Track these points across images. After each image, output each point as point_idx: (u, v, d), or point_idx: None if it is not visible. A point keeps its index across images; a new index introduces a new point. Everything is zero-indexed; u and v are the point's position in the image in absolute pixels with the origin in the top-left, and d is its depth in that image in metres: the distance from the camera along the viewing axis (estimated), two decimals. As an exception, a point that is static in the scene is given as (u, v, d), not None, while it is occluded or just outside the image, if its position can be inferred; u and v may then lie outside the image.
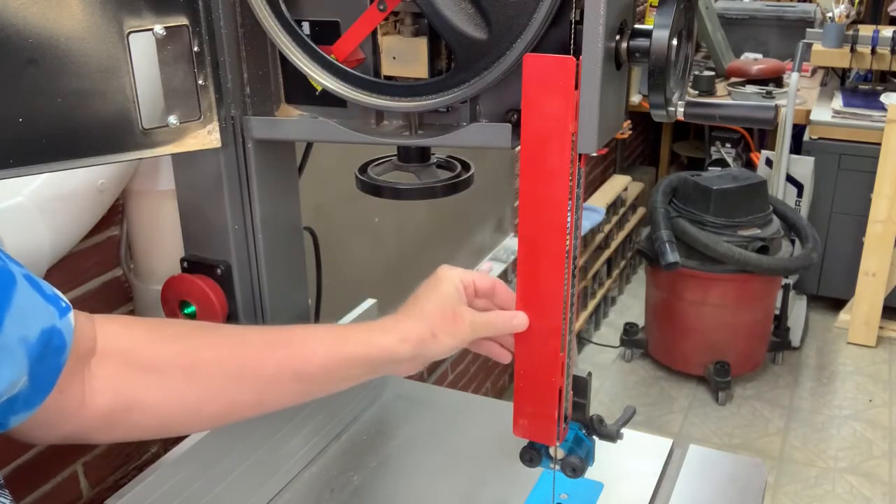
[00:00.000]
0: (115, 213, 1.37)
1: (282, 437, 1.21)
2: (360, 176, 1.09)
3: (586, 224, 3.36)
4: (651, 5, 4.34)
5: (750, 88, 3.94)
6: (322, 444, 1.31)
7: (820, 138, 3.61)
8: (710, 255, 3.02)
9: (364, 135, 1.03)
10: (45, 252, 1.16)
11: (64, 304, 0.73)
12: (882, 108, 3.49)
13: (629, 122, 3.95)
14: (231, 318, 1.19)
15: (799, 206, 3.63)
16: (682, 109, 0.92)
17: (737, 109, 0.93)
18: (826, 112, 3.66)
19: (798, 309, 3.74)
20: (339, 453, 1.31)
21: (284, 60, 1.02)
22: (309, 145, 1.35)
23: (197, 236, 1.19)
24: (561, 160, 0.84)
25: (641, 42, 0.86)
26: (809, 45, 3.79)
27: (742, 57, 4.29)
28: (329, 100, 1.03)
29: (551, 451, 1.01)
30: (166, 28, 0.97)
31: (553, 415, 0.96)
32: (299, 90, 1.07)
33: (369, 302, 1.39)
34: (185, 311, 1.20)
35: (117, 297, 1.41)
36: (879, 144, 3.39)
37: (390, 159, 1.11)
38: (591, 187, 3.87)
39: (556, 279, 0.89)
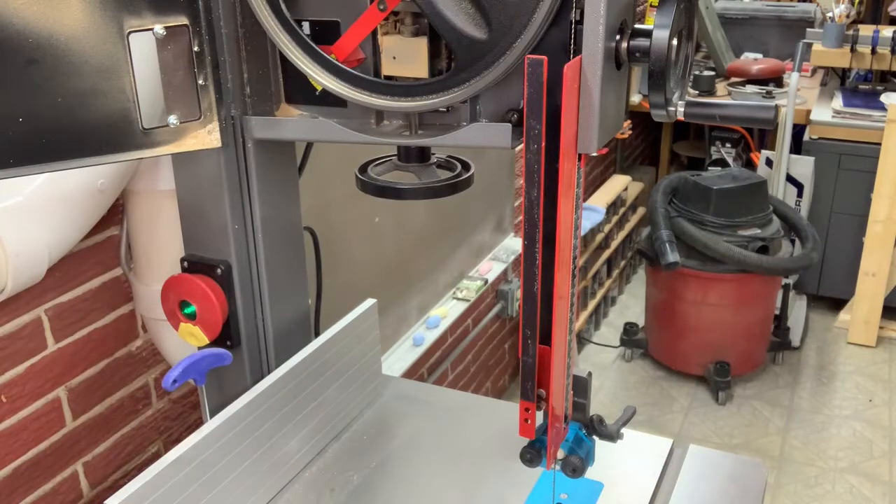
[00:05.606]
0: (115, 213, 1.37)
1: (282, 437, 1.21)
2: (360, 176, 1.09)
3: (586, 224, 3.36)
4: (651, 5, 4.34)
5: (750, 88, 3.94)
6: (322, 444, 1.31)
7: (820, 138, 3.61)
8: (710, 255, 3.02)
9: (364, 135, 1.03)
10: (45, 252, 1.16)
11: None
12: (882, 107, 3.49)
13: (629, 122, 3.95)
14: (231, 317, 1.19)
15: (799, 206, 3.63)
16: (682, 109, 0.92)
17: (737, 109, 0.93)
18: (826, 112, 3.66)
19: (798, 309, 3.74)
20: (339, 453, 1.31)
21: (284, 60, 1.02)
22: (309, 145, 1.35)
23: (197, 236, 1.19)
24: (562, 160, 0.84)
25: (641, 42, 0.86)
26: (809, 45, 3.79)
27: (742, 57, 4.28)
28: (329, 100, 1.03)
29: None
30: (166, 28, 0.97)
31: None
32: (299, 90, 1.07)
33: (369, 302, 1.39)
34: (185, 311, 1.20)
35: (117, 297, 1.41)
36: (879, 144, 3.39)
37: (390, 159, 1.11)
38: (591, 187, 3.87)
39: (561, 274, 0.89)
